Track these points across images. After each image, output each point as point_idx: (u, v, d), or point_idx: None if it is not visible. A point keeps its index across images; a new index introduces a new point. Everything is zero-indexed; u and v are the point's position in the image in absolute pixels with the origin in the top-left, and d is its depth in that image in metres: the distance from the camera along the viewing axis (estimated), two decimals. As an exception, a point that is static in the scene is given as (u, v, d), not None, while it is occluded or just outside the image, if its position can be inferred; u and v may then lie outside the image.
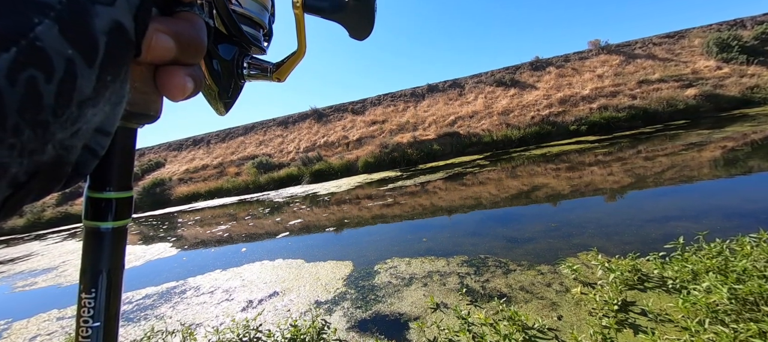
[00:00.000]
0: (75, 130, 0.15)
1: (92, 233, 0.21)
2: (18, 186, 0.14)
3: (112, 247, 0.21)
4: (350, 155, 14.61)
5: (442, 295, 2.45)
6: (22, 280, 5.44)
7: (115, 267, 0.22)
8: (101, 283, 0.21)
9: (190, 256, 5.19)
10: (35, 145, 0.14)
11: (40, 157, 0.14)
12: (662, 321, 1.77)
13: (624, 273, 2.17)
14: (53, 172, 0.15)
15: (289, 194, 10.81)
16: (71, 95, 0.14)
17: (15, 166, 0.13)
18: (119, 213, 0.21)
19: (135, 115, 0.21)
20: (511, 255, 2.96)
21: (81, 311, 0.21)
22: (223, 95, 0.32)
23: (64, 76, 0.14)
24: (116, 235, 0.21)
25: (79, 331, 0.21)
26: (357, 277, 3.05)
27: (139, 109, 0.20)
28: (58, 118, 0.14)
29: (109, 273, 0.21)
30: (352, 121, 18.34)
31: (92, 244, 0.21)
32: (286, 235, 5.29)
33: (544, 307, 2.09)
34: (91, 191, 0.21)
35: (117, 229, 0.21)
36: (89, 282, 0.21)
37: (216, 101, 0.32)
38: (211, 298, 3.22)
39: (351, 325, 2.27)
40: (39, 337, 3.02)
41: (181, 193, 15.56)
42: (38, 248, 8.86)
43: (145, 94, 0.20)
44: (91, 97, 0.15)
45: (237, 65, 0.32)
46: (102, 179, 0.21)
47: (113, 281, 0.22)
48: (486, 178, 7.25)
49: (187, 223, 8.75)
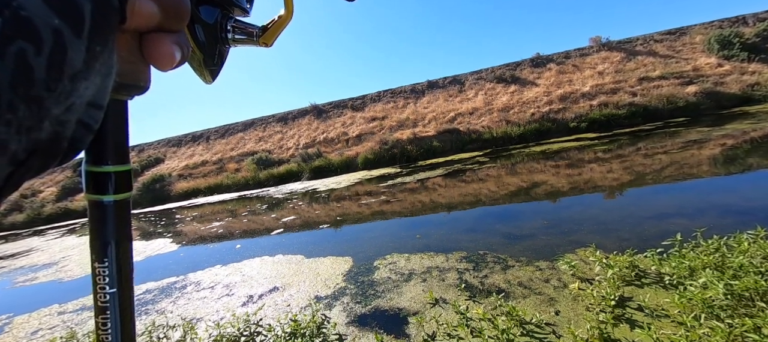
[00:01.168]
0: (69, 105, 0.15)
1: (95, 206, 0.21)
2: (18, 163, 0.14)
3: (117, 219, 0.22)
4: (350, 152, 14.60)
5: (441, 291, 2.46)
6: (23, 275, 5.46)
7: (122, 238, 0.22)
8: (111, 253, 0.22)
9: (190, 251, 5.21)
10: (32, 121, 0.14)
11: (38, 134, 0.14)
12: (659, 316, 1.79)
13: (621, 269, 2.19)
14: (51, 148, 0.15)
15: (288, 190, 10.82)
16: (62, 68, 0.14)
17: (14, 143, 0.13)
18: (119, 186, 0.22)
19: (124, 86, 0.20)
20: (510, 251, 2.97)
21: (96, 279, 0.22)
22: (208, 62, 0.31)
23: (53, 48, 0.13)
24: (119, 208, 0.22)
25: (97, 297, 0.22)
26: (356, 273, 3.06)
27: (128, 79, 0.20)
28: (51, 93, 0.14)
29: (117, 243, 0.22)
30: (351, 118, 18.31)
31: (97, 217, 0.21)
32: (286, 232, 5.31)
33: (542, 303, 2.11)
34: (89, 165, 0.21)
35: (119, 202, 0.22)
36: (100, 252, 0.22)
37: (201, 69, 0.32)
38: (212, 293, 3.24)
39: (350, 319, 2.29)
40: (40, 331, 3.04)
41: (181, 189, 15.57)
42: (38, 244, 8.88)
43: (133, 64, 0.20)
44: (82, 69, 0.15)
45: (220, 29, 0.31)
46: (98, 153, 0.21)
47: (122, 250, 0.22)
48: (485, 174, 7.26)
49: (186, 219, 8.76)
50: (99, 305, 0.22)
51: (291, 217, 6.32)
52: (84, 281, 4.49)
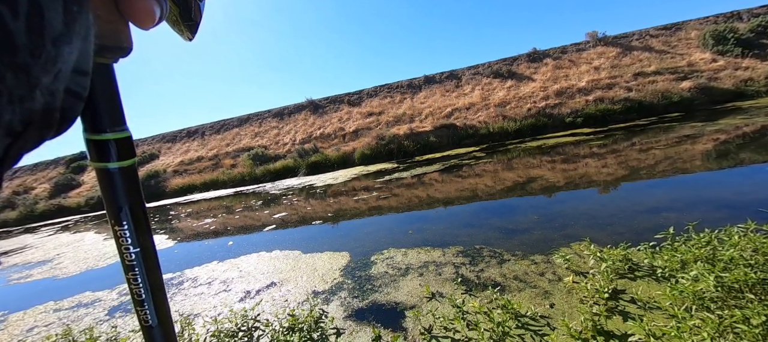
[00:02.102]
0: (56, 72, 0.15)
1: (103, 174, 0.22)
2: (15, 134, 0.14)
3: (125, 185, 0.22)
4: (347, 147, 14.56)
5: (438, 285, 2.48)
6: (17, 272, 5.41)
7: (134, 203, 0.23)
8: (126, 216, 0.23)
9: (186, 247, 5.19)
10: (22, 90, 0.13)
11: (31, 104, 0.14)
12: (651, 308, 1.82)
13: (615, 262, 2.22)
14: (44, 119, 0.15)
15: (285, 186, 10.79)
16: (42, 31, 0.14)
17: (7, 114, 0.13)
18: (122, 153, 0.22)
19: (107, 49, 0.20)
20: (506, 245, 3.00)
21: (119, 241, 0.23)
22: (185, 16, 0.31)
23: (29, 9, 0.13)
24: (125, 174, 0.22)
25: (124, 257, 0.24)
26: (354, 268, 3.08)
27: (108, 41, 0.20)
28: (36, 60, 0.14)
29: (131, 208, 0.23)
30: (348, 113, 18.23)
31: (106, 185, 0.22)
32: (283, 227, 5.30)
33: (537, 296, 2.14)
34: (89, 134, 0.21)
35: (124, 169, 0.22)
36: (116, 217, 0.23)
37: (179, 25, 0.31)
38: (209, 289, 3.24)
39: (348, 314, 2.31)
40: (36, 329, 3.02)
41: (176, 185, 15.45)
42: (32, 241, 8.79)
43: (111, 23, 0.20)
44: (63, 32, 0.15)
45: None
46: (94, 121, 0.21)
47: (136, 214, 0.23)
48: (482, 170, 7.29)
49: (182, 215, 8.71)
50: (127, 264, 0.24)
51: (288, 213, 6.31)
52: (79, 278, 4.47)
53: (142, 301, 0.25)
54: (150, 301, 0.25)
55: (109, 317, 3.02)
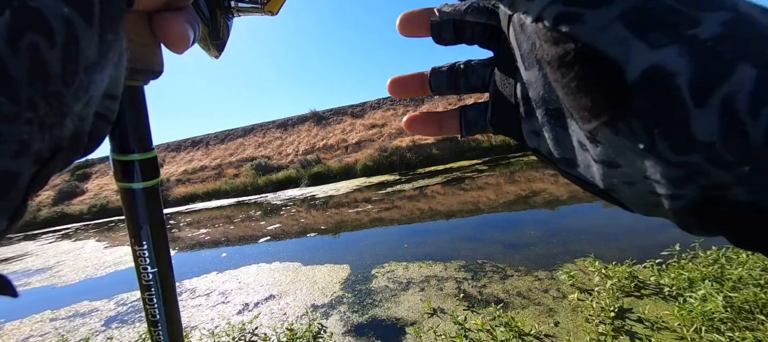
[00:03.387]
0: (87, 99, 0.15)
1: (126, 193, 0.22)
2: (43, 162, 0.14)
3: (148, 204, 0.23)
4: (349, 158, 14.61)
5: (439, 300, 2.44)
6: (16, 280, 5.38)
7: (155, 222, 0.23)
8: (146, 236, 0.23)
9: (186, 257, 5.16)
10: (53, 118, 0.13)
11: (61, 131, 0.14)
12: (659, 328, 1.77)
13: (621, 280, 2.18)
14: (73, 144, 0.15)
15: (287, 196, 10.79)
16: (77, 60, 0.13)
17: (37, 143, 0.13)
18: (145, 174, 0.22)
19: (139, 72, 0.20)
20: (509, 260, 2.96)
21: (138, 260, 0.24)
22: (213, 36, 0.31)
23: (66, 39, 0.13)
24: (148, 194, 0.23)
25: (141, 277, 0.24)
26: (354, 281, 3.03)
27: (141, 64, 0.20)
28: (69, 88, 0.13)
29: (151, 227, 0.23)
30: (351, 125, 18.37)
31: (129, 204, 0.23)
32: (283, 238, 5.27)
33: (541, 313, 2.09)
34: (116, 154, 0.22)
35: (148, 189, 0.23)
36: (136, 236, 0.23)
37: (207, 44, 0.31)
38: (207, 301, 3.20)
39: (347, 329, 2.26)
40: (32, 338, 2.99)
41: (179, 194, 15.50)
42: (33, 248, 8.78)
43: (144, 47, 0.20)
44: (97, 61, 0.14)
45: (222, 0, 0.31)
46: (122, 142, 0.21)
47: (157, 233, 0.24)
48: (484, 182, 7.26)
49: (184, 224, 8.70)
50: (144, 284, 0.24)
51: (289, 224, 6.29)
52: (78, 287, 4.44)
53: (157, 322, 0.25)
54: (164, 323, 0.26)
55: (105, 328, 2.98)
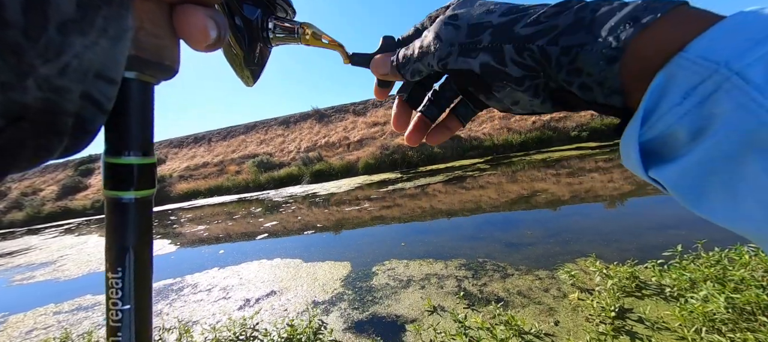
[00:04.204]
0: (62, 66, 0.13)
1: (114, 204, 0.18)
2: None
3: (138, 220, 0.19)
4: (351, 156, 14.62)
5: (440, 298, 2.44)
6: (20, 273, 5.44)
7: (142, 243, 0.19)
8: (129, 261, 0.18)
9: (188, 253, 5.19)
10: (9, 76, 0.11)
11: (21, 95, 0.12)
12: (659, 328, 1.76)
13: (622, 280, 2.17)
14: (45, 119, 0.13)
15: (288, 194, 10.81)
16: (45, 10, 0.12)
17: None
18: (142, 181, 0.19)
19: (148, 65, 0.18)
20: (510, 259, 2.96)
21: (109, 292, 0.18)
22: (248, 61, 0.30)
23: None
24: (141, 207, 0.19)
25: (109, 315, 0.18)
26: (354, 278, 3.04)
27: (151, 55, 0.18)
28: (33, 43, 0.12)
29: (136, 249, 0.19)
30: (353, 122, 18.36)
31: (115, 217, 0.18)
32: (285, 235, 5.29)
33: (541, 312, 2.09)
34: (108, 156, 0.18)
35: (141, 200, 0.19)
36: (115, 260, 0.18)
37: (241, 69, 0.30)
38: (209, 296, 3.22)
39: (348, 326, 2.27)
40: (35, 331, 3.02)
41: (181, 190, 15.57)
42: (37, 242, 8.86)
43: (158, 38, 0.18)
44: (75, 19, 0.13)
45: (261, 28, 0.30)
46: (119, 142, 0.18)
47: (142, 258, 0.19)
48: (486, 182, 7.25)
49: (186, 221, 8.75)
50: (111, 325, 0.18)
51: (290, 221, 6.31)
52: (81, 281, 4.48)
53: None
54: None
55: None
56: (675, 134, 0.18)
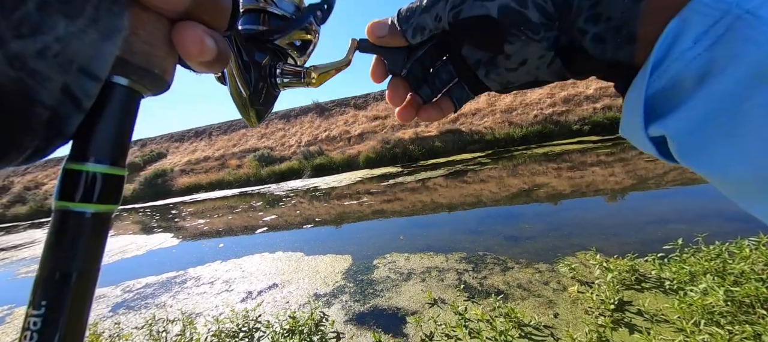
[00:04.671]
0: (41, 47, 0.12)
1: (65, 218, 0.15)
2: None
3: (92, 239, 0.15)
4: (352, 150, 14.61)
5: (440, 291, 2.46)
6: (25, 266, 5.50)
7: (90, 270, 0.15)
8: (68, 290, 0.14)
9: (190, 246, 5.23)
10: None
11: None
12: (658, 321, 1.78)
13: (622, 273, 2.18)
14: (18, 106, 0.12)
15: (289, 188, 10.84)
16: None
17: None
18: (105, 194, 0.16)
19: (136, 70, 0.16)
20: (510, 253, 2.97)
21: (24, 333, 0.14)
22: (254, 101, 0.30)
23: None
24: (98, 224, 0.16)
25: None
26: (356, 271, 3.07)
27: (141, 62, 0.16)
28: (6, 13, 0.11)
29: (81, 275, 0.15)
30: (354, 116, 18.31)
31: (64, 233, 0.15)
32: (286, 229, 5.32)
33: (541, 305, 2.10)
34: (71, 162, 0.15)
35: (99, 216, 0.16)
36: (52, 288, 0.14)
37: (246, 108, 0.30)
38: (211, 289, 3.25)
39: (349, 317, 2.30)
40: (41, 323, 3.06)
41: (183, 185, 15.63)
42: (40, 236, 8.94)
43: (151, 46, 0.17)
44: (61, 0, 0.12)
45: (269, 73, 0.30)
46: (87, 146, 0.15)
47: (84, 290, 0.15)
48: (487, 175, 7.25)
49: (188, 214, 8.80)
50: None
51: (291, 215, 6.34)
52: (85, 274, 4.52)
53: None
54: None
55: (112, 313, 3.04)
56: (682, 81, 0.17)
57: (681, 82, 0.17)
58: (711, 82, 0.16)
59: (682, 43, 0.17)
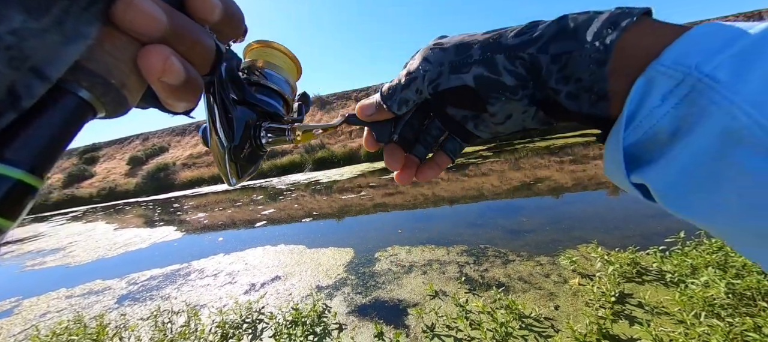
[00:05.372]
0: None
1: None
2: None
3: None
4: (353, 144, 14.59)
5: (441, 283, 2.48)
6: (31, 259, 5.58)
7: None
8: None
9: (194, 239, 5.28)
10: None
11: None
12: (658, 313, 1.79)
13: (623, 266, 2.19)
14: None
15: (291, 181, 10.87)
16: None
17: None
18: (9, 204, 0.13)
19: (94, 78, 0.15)
20: (511, 246, 2.98)
21: None
22: (236, 154, 0.28)
23: None
24: None
25: None
26: (357, 264, 3.09)
27: (101, 71, 0.15)
28: None
29: None
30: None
31: None
32: (288, 222, 5.35)
33: (542, 297, 2.12)
34: None
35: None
36: None
37: (227, 161, 0.29)
38: (215, 281, 3.29)
39: (351, 309, 2.32)
40: (49, 314, 3.11)
41: (185, 178, 15.69)
42: (45, 229, 9.03)
43: (116, 59, 0.15)
44: None
45: (254, 135, 0.30)
46: (7, 144, 0.13)
47: None
48: (488, 169, 7.23)
49: (190, 208, 8.85)
50: None
51: (293, 208, 6.37)
52: (90, 267, 4.58)
53: None
54: None
55: (118, 305, 3.09)
56: (656, 135, 0.19)
57: (655, 135, 0.19)
58: (685, 140, 0.17)
59: (650, 100, 0.18)
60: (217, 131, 0.27)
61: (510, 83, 0.23)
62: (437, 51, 0.25)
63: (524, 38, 0.22)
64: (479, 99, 0.25)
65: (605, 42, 0.20)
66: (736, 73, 0.16)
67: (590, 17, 0.21)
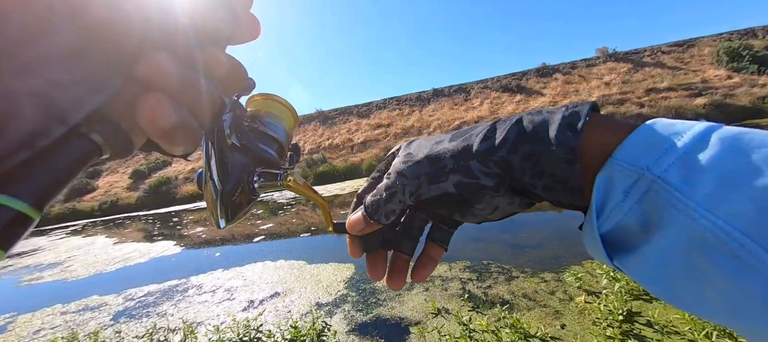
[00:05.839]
0: (32, 88, 0.13)
1: None
2: None
3: None
4: (355, 158, 14.64)
5: (444, 301, 2.43)
6: (28, 274, 5.51)
7: None
8: None
9: (193, 254, 5.22)
10: None
11: None
12: (668, 332, 1.73)
13: (629, 283, 2.14)
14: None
15: (291, 196, 10.84)
16: None
17: None
18: (7, 236, 0.13)
19: (106, 123, 0.16)
20: (514, 261, 2.93)
21: None
22: (228, 196, 0.29)
23: None
24: None
25: None
26: (358, 280, 3.04)
27: (116, 118, 0.16)
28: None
29: None
30: (357, 124, 18.41)
31: None
32: (288, 236, 5.30)
33: (547, 315, 2.06)
34: None
35: None
36: None
37: (218, 204, 0.29)
38: (213, 297, 3.23)
39: (351, 327, 2.26)
40: (43, 331, 3.05)
41: (186, 192, 15.70)
42: (45, 243, 8.98)
43: (128, 107, 0.16)
44: None
45: (248, 180, 0.31)
46: (8, 177, 0.13)
47: None
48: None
49: (190, 222, 8.81)
50: None
51: (294, 222, 6.32)
52: (88, 282, 4.52)
53: None
54: None
55: (113, 322, 3.03)
56: (627, 226, 0.20)
57: (627, 226, 0.20)
58: (656, 235, 0.18)
59: (614, 195, 0.20)
60: (213, 174, 0.28)
61: (490, 184, 0.24)
62: (411, 165, 0.26)
63: (488, 144, 0.24)
64: (465, 200, 0.25)
65: (569, 145, 0.21)
66: (685, 179, 0.17)
67: (545, 119, 0.22)
